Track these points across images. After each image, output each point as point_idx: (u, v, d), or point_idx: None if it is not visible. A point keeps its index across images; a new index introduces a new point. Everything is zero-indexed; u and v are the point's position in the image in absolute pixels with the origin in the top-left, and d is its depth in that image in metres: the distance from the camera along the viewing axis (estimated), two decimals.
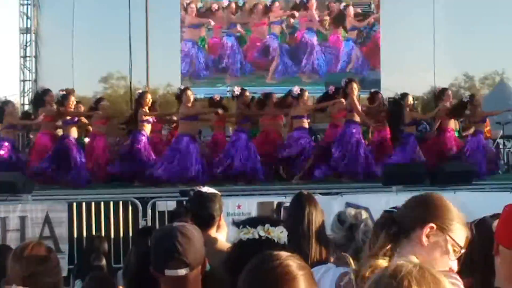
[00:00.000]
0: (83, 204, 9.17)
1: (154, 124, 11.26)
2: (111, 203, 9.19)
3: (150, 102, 10.98)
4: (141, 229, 5.91)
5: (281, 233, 2.50)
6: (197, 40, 15.53)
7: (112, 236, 8.95)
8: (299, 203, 3.65)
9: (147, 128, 10.85)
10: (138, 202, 9.23)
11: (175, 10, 15.48)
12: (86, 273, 4.85)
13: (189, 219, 3.62)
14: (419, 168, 10.22)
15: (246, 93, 11.20)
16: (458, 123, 12.19)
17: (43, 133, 11.09)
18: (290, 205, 3.75)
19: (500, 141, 13.33)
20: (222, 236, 3.64)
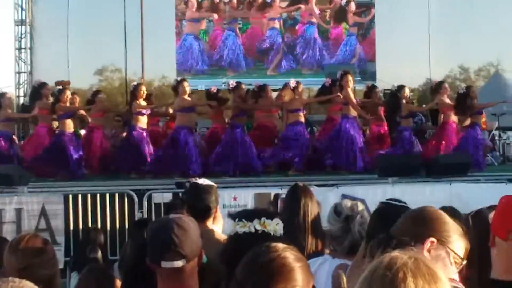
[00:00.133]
0: (79, 196, 9.18)
1: (151, 117, 11.25)
2: (107, 195, 9.20)
3: (145, 94, 10.95)
4: (137, 221, 5.93)
5: (277, 225, 2.50)
6: (197, 33, 15.50)
7: (108, 228, 8.97)
8: (295, 195, 3.65)
9: (142, 120, 10.81)
10: (134, 194, 9.23)
11: (170, 2, 15.44)
12: (82, 265, 4.85)
13: (185, 211, 3.62)
14: (415, 159, 10.23)
15: (242, 86, 11.18)
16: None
17: (41, 126, 11.11)
18: (285, 197, 3.75)
19: (495, 132, 13.36)
20: (218, 227, 3.64)
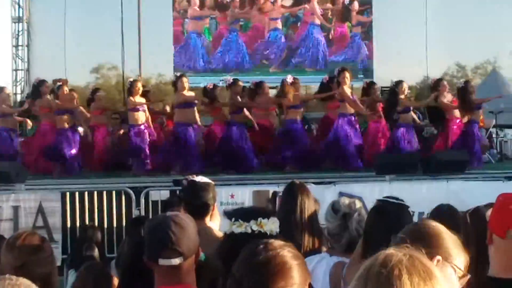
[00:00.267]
0: (76, 193, 9.19)
1: (153, 115, 11.26)
2: (104, 193, 9.21)
3: (141, 90, 10.94)
4: (134, 218, 5.93)
5: (273, 224, 2.51)
6: (200, 31, 15.51)
7: (105, 225, 8.98)
8: (291, 193, 3.66)
9: (139, 116, 10.77)
10: (131, 191, 9.24)
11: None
12: (80, 263, 4.85)
13: (182, 209, 3.63)
14: (412, 157, 10.25)
15: (239, 82, 11.17)
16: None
17: (44, 123, 11.19)
18: (282, 194, 3.76)
19: (493, 130, 13.39)
20: (215, 225, 3.64)
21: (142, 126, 10.72)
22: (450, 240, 2.10)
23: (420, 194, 8.73)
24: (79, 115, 11.46)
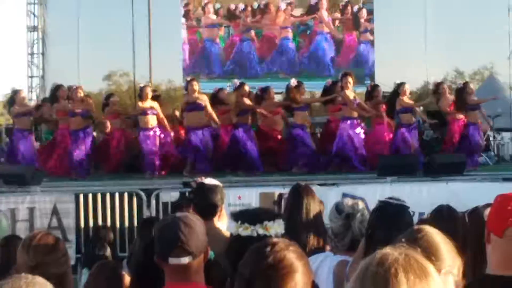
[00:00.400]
0: (90, 195, 9.28)
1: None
2: (117, 194, 9.29)
3: (150, 95, 11.00)
4: (145, 219, 5.99)
5: (278, 226, 2.57)
6: (215, 38, 15.58)
7: (117, 226, 9.06)
8: (297, 194, 3.70)
9: (149, 119, 10.83)
10: (142, 193, 9.33)
11: (177, 8, 15.57)
12: (93, 261, 4.93)
13: (191, 209, 3.70)
14: (413, 159, 10.31)
15: (245, 85, 11.22)
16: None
17: (62, 128, 11.37)
18: (288, 196, 3.81)
19: (490, 133, 13.46)
20: (223, 225, 3.71)
21: (152, 131, 10.76)
22: (446, 248, 2.12)
23: (420, 195, 8.83)
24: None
